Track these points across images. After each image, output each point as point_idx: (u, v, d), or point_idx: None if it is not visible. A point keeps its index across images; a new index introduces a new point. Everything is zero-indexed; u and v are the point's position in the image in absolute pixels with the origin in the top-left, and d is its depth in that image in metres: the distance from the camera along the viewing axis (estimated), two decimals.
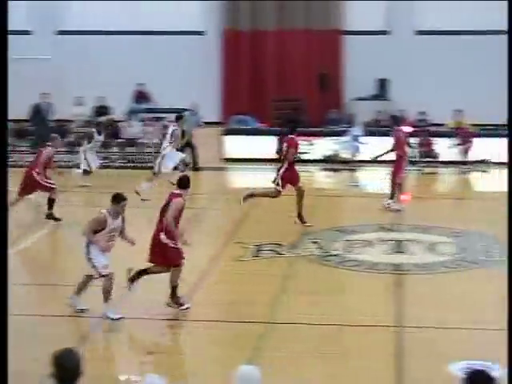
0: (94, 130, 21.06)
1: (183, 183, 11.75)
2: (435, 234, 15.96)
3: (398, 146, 18.12)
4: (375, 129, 24.02)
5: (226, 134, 24.28)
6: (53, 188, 16.99)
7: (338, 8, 27.95)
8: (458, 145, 23.13)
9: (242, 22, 28.26)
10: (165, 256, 11.44)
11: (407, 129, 23.88)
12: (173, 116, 20.55)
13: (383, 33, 27.69)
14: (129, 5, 27.62)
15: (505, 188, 21.31)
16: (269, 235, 15.67)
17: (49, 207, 17.01)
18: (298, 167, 16.61)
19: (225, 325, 11.12)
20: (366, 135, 23.08)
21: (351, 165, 23.00)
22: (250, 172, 22.45)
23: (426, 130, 23.78)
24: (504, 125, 24.43)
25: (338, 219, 17.54)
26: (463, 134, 23.34)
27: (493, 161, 23.00)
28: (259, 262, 14.21)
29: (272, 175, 16.43)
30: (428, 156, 23.37)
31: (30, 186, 16.98)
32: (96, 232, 11.29)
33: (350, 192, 20.60)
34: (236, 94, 27.53)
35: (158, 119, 24.57)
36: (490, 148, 23.07)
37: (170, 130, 19.56)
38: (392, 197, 17.88)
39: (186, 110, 22.65)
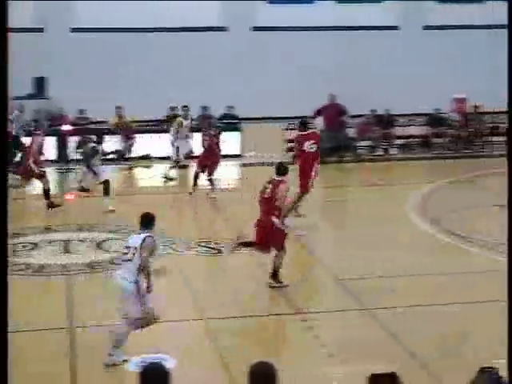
0: (92, 144, 18.25)
1: (283, 170, 12.67)
2: (100, 231, 15.96)
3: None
4: (32, 129, 23.60)
5: None
6: (45, 176, 17.40)
7: None
8: (122, 142, 23.29)
9: None
10: (273, 239, 12.31)
11: (67, 127, 23.75)
12: None
13: (40, 30, 27.14)
14: None
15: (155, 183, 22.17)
16: None
17: (46, 197, 17.32)
18: None
19: None
20: (26, 135, 22.54)
21: None
22: None
23: (87, 128, 23.62)
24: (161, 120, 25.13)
25: None
26: (126, 131, 23.54)
27: (154, 156, 23.52)
28: None
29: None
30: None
31: (28, 175, 17.23)
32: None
33: (14, 195, 19.95)
34: None
35: None
36: (151, 144, 23.60)
37: None
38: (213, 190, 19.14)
39: None
